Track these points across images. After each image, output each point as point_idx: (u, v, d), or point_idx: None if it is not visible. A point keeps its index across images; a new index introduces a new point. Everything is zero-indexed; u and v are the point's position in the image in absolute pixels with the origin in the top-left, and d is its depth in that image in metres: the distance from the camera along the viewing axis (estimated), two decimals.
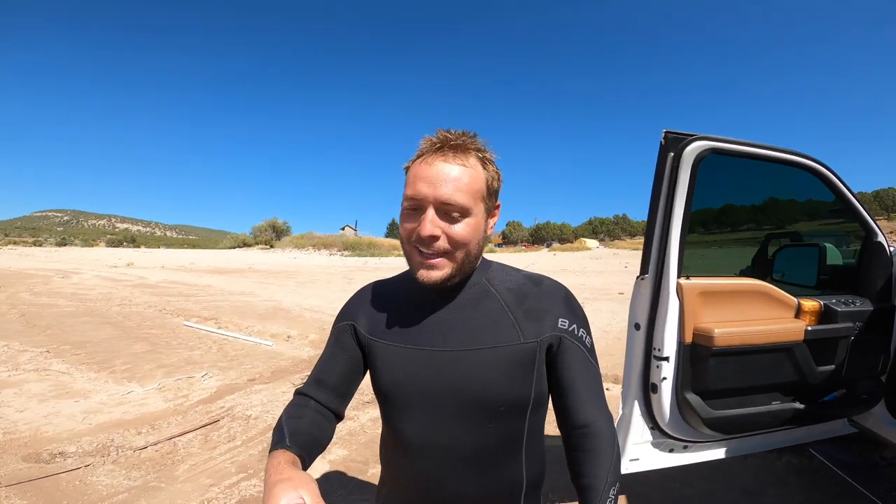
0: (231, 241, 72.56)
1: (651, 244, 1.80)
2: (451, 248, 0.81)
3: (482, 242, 0.87)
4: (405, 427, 0.87)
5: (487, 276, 0.92)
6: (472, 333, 0.85)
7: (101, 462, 2.92)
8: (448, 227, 0.80)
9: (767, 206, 3.10)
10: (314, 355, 5.69)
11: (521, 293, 0.89)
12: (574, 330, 0.87)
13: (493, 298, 0.89)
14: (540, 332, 0.85)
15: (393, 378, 0.88)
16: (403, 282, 0.97)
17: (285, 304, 10.34)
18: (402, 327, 0.90)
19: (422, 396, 0.85)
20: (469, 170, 0.81)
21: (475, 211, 0.82)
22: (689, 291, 1.78)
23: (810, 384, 1.94)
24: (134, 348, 5.94)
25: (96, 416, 3.69)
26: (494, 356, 0.83)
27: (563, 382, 0.85)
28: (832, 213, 2.54)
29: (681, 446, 1.96)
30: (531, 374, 0.84)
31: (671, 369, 1.80)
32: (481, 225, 0.85)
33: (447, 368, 0.84)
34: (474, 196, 0.82)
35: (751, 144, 1.84)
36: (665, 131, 1.73)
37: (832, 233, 3.08)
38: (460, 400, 0.83)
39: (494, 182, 0.87)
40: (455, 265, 0.83)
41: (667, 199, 1.75)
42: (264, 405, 3.93)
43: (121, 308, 9.38)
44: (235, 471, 2.83)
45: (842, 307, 1.96)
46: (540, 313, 0.87)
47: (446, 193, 0.79)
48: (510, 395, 0.83)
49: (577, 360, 0.86)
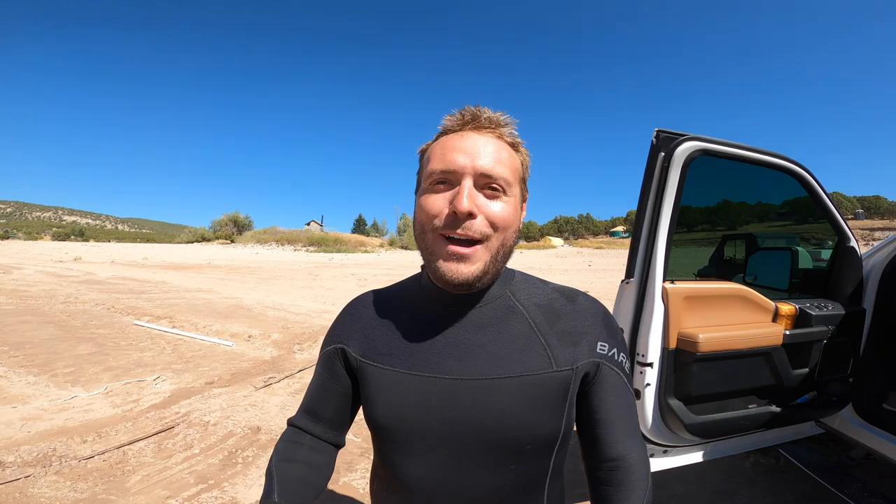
0: (189, 236, 69.79)
1: (637, 247, 1.76)
2: (491, 232, 0.68)
3: (518, 236, 0.75)
4: (406, 467, 0.73)
5: (511, 288, 0.78)
6: (494, 359, 0.71)
7: (42, 472, 2.69)
8: (487, 204, 0.68)
9: (730, 208, 3.20)
10: (276, 356, 5.49)
11: (552, 311, 0.76)
12: (614, 355, 0.76)
13: (520, 317, 0.75)
14: (576, 358, 0.73)
15: (392, 409, 0.73)
16: (407, 291, 0.83)
17: (246, 302, 9.95)
18: (406, 349, 0.75)
19: (429, 432, 0.71)
20: (506, 145, 0.72)
21: (515, 191, 0.71)
22: (674, 296, 1.76)
23: (785, 387, 1.97)
24: (78, 350, 5.54)
25: (36, 423, 3.41)
26: (521, 386, 0.70)
27: (598, 414, 0.74)
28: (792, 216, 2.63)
29: (661, 451, 1.96)
30: (563, 406, 0.72)
31: (654, 375, 1.78)
32: (519, 211, 0.73)
33: (464, 400, 0.70)
34: (514, 173, 0.71)
35: (739, 146, 1.83)
36: (657, 130, 1.70)
37: (790, 234, 3.21)
38: (479, 438, 0.70)
39: (526, 169, 0.77)
40: (490, 257, 0.69)
41: (655, 200, 1.72)
42: (223, 410, 3.72)
43: (65, 306, 8.79)
44: (194, 481, 2.66)
45: (816, 311, 2.00)
46: (576, 336, 0.74)
47: (490, 164, 0.67)
48: (539, 432, 0.71)
49: (616, 389, 0.75)
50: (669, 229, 1.73)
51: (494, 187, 0.68)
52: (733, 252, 4.11)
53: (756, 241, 3.53)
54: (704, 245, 4.18)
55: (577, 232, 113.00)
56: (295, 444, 0.81)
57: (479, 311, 0.75)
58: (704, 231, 3.80)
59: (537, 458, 0.73)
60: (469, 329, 0.74)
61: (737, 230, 3.76)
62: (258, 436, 3.27)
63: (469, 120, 0.71)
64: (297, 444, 0.81)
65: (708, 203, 2.87)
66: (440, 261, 0.68)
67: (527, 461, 0.72)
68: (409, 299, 0.81)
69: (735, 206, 3.18)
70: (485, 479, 0.71)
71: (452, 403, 0.71)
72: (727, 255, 4.18)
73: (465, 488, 0.71)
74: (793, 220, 2.97)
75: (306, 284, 14.24)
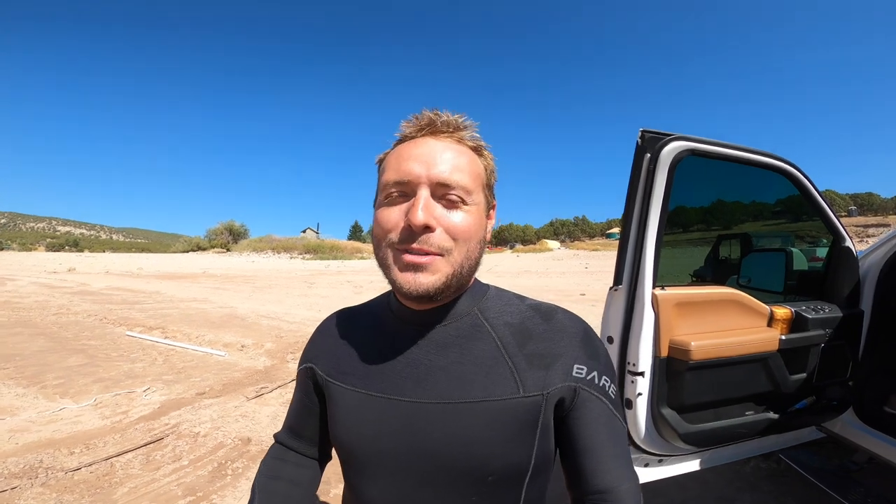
0: (184, 245, 69.51)
1: (625, 252, 1.70)
2: (451, 245, 0.63)
3: (483, 247, 0.70)
4: (366, 491, 0.70)
5: (481, 305, 0.73)
6: (455, 382, 0.66)
7: (28, 485, 2.64)
8: (446, 215, 0.63)
9: (724, 208, 3.18)
10: (270, 366, 5.43)
11: (524, 330, 0.70)
12: (594, 378, 0.68)
13: (487, 336, 0.70)
14: (547, 383, 0.66)
15: (352, 430, 0.70)
16: (376, 309, 0.80)
17: (240, 311, 9.87)
18: (367, 368, 0.72)
19: (387, 457, 0.67)
20: (467, 150, 0.67)
21: (477, 199, 0.66)
22: (664, 303, 1.70)
23: (783, 393, 1.92)
24: (68, 361, 5.47)
25: (24, 434, 3.35)
26: (483, 413, 0.64)
27: (579, 443, 0.67)
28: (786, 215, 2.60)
29: (656, 461, 1.91)
30: (532, 434, 0.66)
31: (646, 384, 1.72)
32: (483, 220, 0.68)
33: (421, 425, 0.66)
34: (475, 180, 0.66)
35: (727, 146, 1.78)
36: (642, 130, 1.63)
37: (785, 233, 3.20)
38: (437, 466, 0.65)
39: (492, 176, 0.72)
40: (452, 269, 0.64)
41: (642, 203, 1.66)
42: (214, 421, 3.66)
43: (57, 317, 8.69)
44: (182, 493, 2.61)
45: (812, 314, 1.95)
46: (549, 358, 0.68)
47: (445, 171, 0.63)
48: (503, 462, 0.65)
49: (599, 416, 0.67)
50: (658, 233, 1.67)
51: (453, 197, 0.64)
52: (728, 252, 4.10)
53: (751, 240, 3.51)
54: (700, 245, 4.17)
55: (574, 234, 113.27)
56: (280, 460, 0.82)
57: (442, 329, 0.70)
58: (699, 231, 3.79)
59: (503, 490, 0.67)
60: (430, 349, 0.69)
61: (732, 230, 3.74)
62: (248, 447, 3.22)
63: (425, 125, 0.67)
64: (281, 460, 0.82)
65: (700, 203, 2.85)
66: (397, 272, 0.64)
67: (490, 494, 0.66)
68: (376, 317, 0.78)
69: (729, 206, 3.17)
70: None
71: (410, 428, 0.66)
72: (723, 255, 4.16)
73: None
74: (788, 219, 2.94)
75: (302, 293, 14.16)
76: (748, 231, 3.55)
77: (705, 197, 2.61)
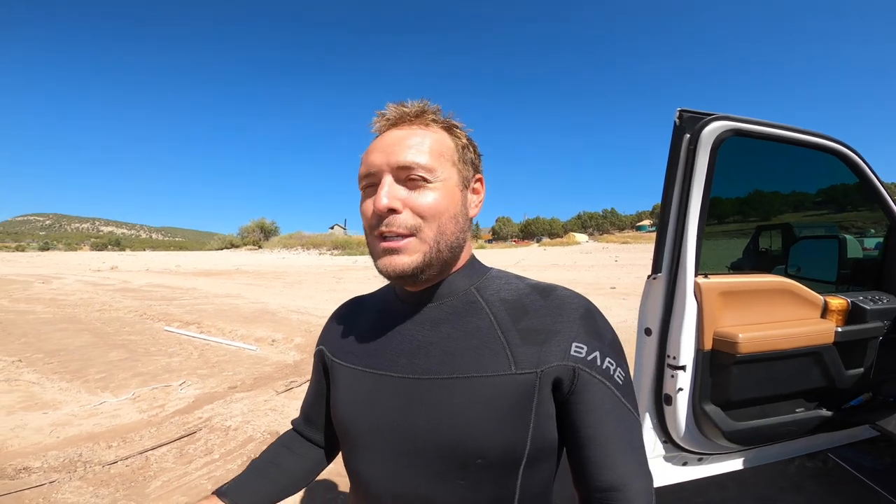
0: (219, 243, 71.82)
1: (664, 239, 1.60)
2: (420, 222, 0.63)
3: (463, 220, 0.68)
4: (360, 469, 0.69)
5: (478, 284, 0.72)
6: (445, 357, 0.64)
7: (67, 478, 2.74)
8: (410, 196, 0.63)
9: (764, 197, 2.99)
10: (299, 360, 5.51)
11: (519, 306, 0.67)
12: (595, 359, 0.63)
13: (481, 312, 0.68)
14: (542, 360, 0.62)
15: (346, 406, 0.71)
16: (383, 294, 0.81)
17: (271, 307, 10.09)
18: (363, 346, 0.73)
19: (377, 434, 0.66)
20: (431, 133, 0.67)
21: (444, 175, 0.65)
22: (708, 292, 1.60)
23: (838, 389, 1.80)
24: (110, 356, 5.68)
25: (65, 428, 3.49)
26: (473, 390, 0.61)
27: (583, 432, 0.62)
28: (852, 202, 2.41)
29: (695, 459, 1.81)
30: (527, 416, 0.61)
31: (688, 379, 1.62)
32: (456, 194, 0.67)
33: (409, 401, 0.64)
34: (440, 157, 0.66)
35: (774, 125, 1.66)
36: (680, 110, 1.54)
37: (839, 224, 2.99)
38: (424, 444, 0.62)
39: (467, 150, 0.71)
40: (427, 247, 0.64)
41: (682, 187, 1.56)
42: (244, 415, 3.73)
43: (100, 314, 9.08)
44: (212, 487, 2.65)
45: (870, 305, 1.81)
46: (544, 334, 0.63)
47: (403, 155, 0.63)
48: (492, 444, 0.60)
49: (603, 402, 0.62)
50: (700, 219, 1.57)
51: (415, 177, 0.63)
52: (769, 243, 3.88)
53: (793, 231, 3.32)
54: (736, 237, 3.96)
55: (602, 227, 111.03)
56: (285, 448, 0.84)
57: (438, 307, 0.70)
58: (736, 222, 3.60)
59: (495, 476, 0.62)
60: (425, 325, 0.69)
61: (771, 220, 3.54)
62: None
63: (389, 118, 0.68)
64: (287, 448, 0.84)
65: (740, 191, 2.68)
66: (378, 259, 0.66)
67: (480, 478, 0.61)
68: (383, 301, 0.78)
69: (768, 196, 2.98)
70: (430, 494, 0.63)
71: (399, 403, 0.65)
72: (762, 247, 3.95)
73: (410, 499, 0.64)
74: (830, 209, 2.75)
75: (330, 288, 14.39)
76: (790, 221, 3.34)
77: (749, 183, 2.43)
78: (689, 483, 1.97)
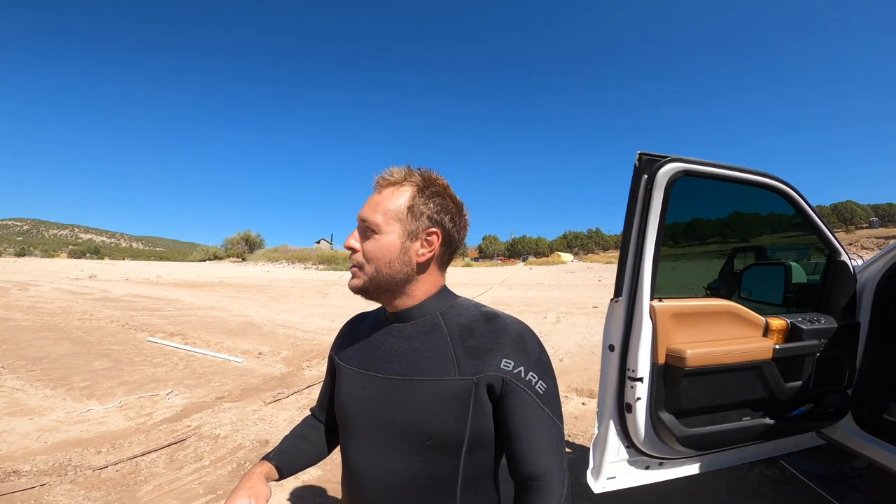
0: (201, 254, 70.62)
1: (625, 266, 1.82)
2: (364, 261, 0.88)
3: (398, 264, 0.88)
4: (349, 449, 0.92)
5: (444, 310, 0.92)
6: (411, 363, 0.86)
7: (58, 482, 2.79)
8: (362, 242, 0.89)
9: (734, 222, 3.23)
10: (286, 373, 5.57)
11: (468, 329, 0.88)
12: (520, 373, 0.82)
13: (441, 332, 0.89)
14: (479, 370, 0.82)
15: (343, 398, 0.94)
16: (377, 312, 1.04)
17: (257, 320, 10.09)
18: (359, 352, 0.96)
19: (361, 420, 0.89)
20: (391, 194, 0.89)
21: (386, 230, 0.87)
22: (661, 314, 1.81)
23: (779, 399, 2.00)
24: (94, 365, 5.69)
25: (53, 434, 3.52)
26: (426, 388, 0.83)
27: (509, 428, 0.83)
28: (795, 228, 2.64)
29: (656, 463, 1.99)
30: (465, 412, 0.82)
31: (645, 389, 1.83)
32: (395, 246, 0.87)
33: (384, 394, 0.87)
34: (387, 215, 0.87)
35: (721, 166, 1.89)
36: (639, 153, 1.76)
37: (795, 246, 3.23)
38: (392, 427, 0.85)
39: (422, 208, 0.88)
40: (367, 278, 0.88)
41: (640, 221, 1.78)
42: (233, 424, 3.81)
43: (81, 322, 8.99)
44: (203, 491, 2.73)
45: (807, 325, 2.03)
46: (482, 352, 0.84)
47: (363, 213, 0.89)
48: (437, 430, 0.82)
49: (524, 407, 0.82)
50: (655, 248, 1.78)
51: (366, 229, 0.89)
52: (743, 265, 4.11)
53: (766, 253, 3.55)
54: (712, 259, 4.19)
55: (587, 247, 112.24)
56: (310, 426, 1.09)
57: (412, 326, 0.91)
58: (714, 244, 3.83)
59: (441, 456, 0.83)
60: (402, 339, 0.91)
61: (747, 243, 3.77)
62: (266, 448, 3.34)
63: (378, 182, 0.92)
64: (311, 426, 1.09)
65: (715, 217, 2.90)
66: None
67: (431, 456, 0.83)
68: (377, 318, 1.00)
69: (743, 218, 3.22)
70: (397, 467, 0.85)
71: (379, 397, 0.88)
72: (737, 269, 4.18)
73: (382, 472, 0.86)
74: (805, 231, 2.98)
75: (316, 302, 14.36)
76: (764, 244, 3.58)
77: (707, 215, 2.68)
78: (654, 488, 2.14)
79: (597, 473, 1.93)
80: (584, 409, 4.30)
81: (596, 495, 1.96)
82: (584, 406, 4.40)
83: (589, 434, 3.66)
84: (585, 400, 4.58)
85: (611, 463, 1.92)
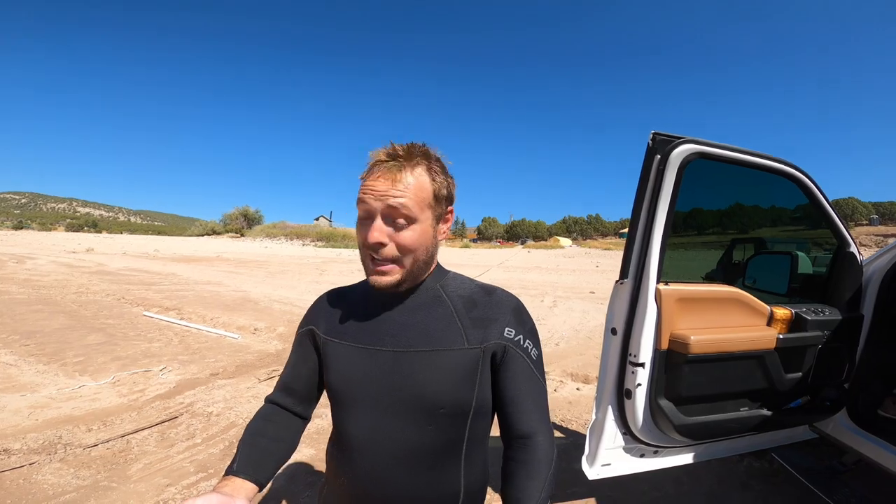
0: (199, 229, 70.47)
1: (632, 248, 1.77)
2: (400, 255, 0.84)
3: (432, 248, 0.90)
4: (349, 424, 0.89)
5: (442, 282, 0.95)
6: (419, 335, 0.87)
7: (47, 460, 2.76)
8: (395, 233, 0.83)
9: (740, 211, 3.16)
10: (281, 349, 5.56)
11: (471, 301, 0.92)
12: (520, 340, 0.89)
13: (445, 304, 0.91)
14: (485, 339, 0.87)
15: (341, 375, 0.90)
16: (363, 286, 1.00)
17: (253, 295, 10.06)
18: (356, 328, 0.92)
19: (367, 394, 0.87)
20: (415, 180, 0.84)
21: (421, 218, 0.85)
22: (667, 298, 1.76)
23: (778, 391, 1.97)
24: (88, 339, 5.65)
25: (44, 411, 3.49)
26: (438, 358, 0.85)
27: (507, 392, 0.88)
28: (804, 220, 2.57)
29: (651, 451, 1.96)
30: (474, 379, 0.86)
31: (646, 375, 1.78)
32: (429, 231, 0.87)
33: (392, 367, 0.86)
34: (420, 204, 0.84)
35: (736, 150, 1.82)
36: (653, 133, 1.69)
37: (800, 239, 3.17)
38: (402, 399, 0.85)
39: (443, 189, 0.89)
40: (404, 270, 0.86)
41: (650, 202, 1.72)
42: (227, 401, 3.79)
43: (77, 296, 8.94)
44: (194, 470, 2.71)
45: (812, 316, 1.98)
46: (487, 321, 0.88)
47: (391, 202, 0.82)
48: (451, 398, 0.84)
49: (522, 371, 0.88)
50: (664, 231, 1.72)
51: (400, 221, 0.83)
52: (742, 255, 4.07)
53: (765, 244, 3.48)
54: (714, 248, 4.14)
55: (586, 232, 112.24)
56: (267, 420, 0.96)
57: (413, 298, 0.91)
58: (714, 234, 3.77)
59: (452, 423, 0.86)
60: (405, 312, 0.90)
61: (748, 234, 3.71)
62: None
63: (383, 160, 0.84)
64: (269, 420, 0.96)
65: (714, 206, 2.82)
66: (369, 274, 0.87)
67: (443, 425, 0.85)
68: (364, 291, 0.98)
69: (742, 209, 3.14)
70: (408, 437, 0.85)
71: (384, 370, 0.86)
72: (736, 259, 4.13)
73: (389, 444, 0.85)
74: (805, 225, 2.92)
75: (313, 279, 14.34)
76: (764, 236, 3.51)
77: (716, 199, 2.60)
78: (646, 476, 2.12)
79: (592, 460, 1.89)
80: (578, 395, 4.29)
81: (588, 482, 1.94)
82: (579, 391, 4.39)
83: (583, 420, 3.65)
84: (580, 385, 4.57)
85: (606, 450, 1.89)
